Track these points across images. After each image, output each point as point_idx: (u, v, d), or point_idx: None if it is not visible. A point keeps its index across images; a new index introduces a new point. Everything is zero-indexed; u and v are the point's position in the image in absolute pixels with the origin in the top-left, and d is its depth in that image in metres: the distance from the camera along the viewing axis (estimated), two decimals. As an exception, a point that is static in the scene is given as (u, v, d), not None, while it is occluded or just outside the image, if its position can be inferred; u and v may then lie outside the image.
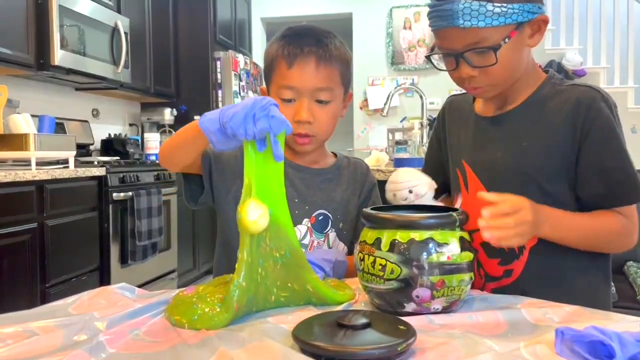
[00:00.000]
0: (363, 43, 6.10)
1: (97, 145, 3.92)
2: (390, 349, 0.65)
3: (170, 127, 4.48)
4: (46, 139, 2.62)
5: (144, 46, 4.06)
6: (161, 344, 0.72)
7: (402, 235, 0.81)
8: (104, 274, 2.94)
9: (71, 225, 2.67)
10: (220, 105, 4.58)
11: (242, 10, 5.48)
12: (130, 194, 3.06)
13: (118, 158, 3.53)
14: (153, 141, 3.95)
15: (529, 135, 1.05)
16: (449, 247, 0.81)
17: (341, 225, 1.19)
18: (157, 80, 4.25)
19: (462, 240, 0.83)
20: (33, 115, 2.81)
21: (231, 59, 4.60)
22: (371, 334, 0.68)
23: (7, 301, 2.24)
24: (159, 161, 1.10)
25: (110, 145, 3.89)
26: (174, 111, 4.50)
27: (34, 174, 2.38)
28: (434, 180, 1.07)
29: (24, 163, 2.64)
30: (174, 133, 3.79)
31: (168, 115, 4.45)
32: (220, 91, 4.59)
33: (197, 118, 0.96)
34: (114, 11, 3.59)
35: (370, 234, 0.86)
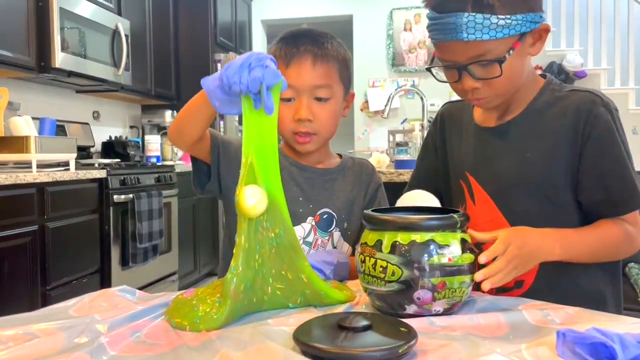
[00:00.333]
0: (363, 45, 6.10)
1: (97, 147, 3.92)
2: (391, 351, 0.65)
3: (171, 129, 4.48)
4: (47, 141, 2.62)
5: (144, 48, 4.07)
6: (162, 347, 0.72)
7: (403, 237, 0.81)
8: (104, 277, 2.94)
9: (72, 227, 2.67)
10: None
11: (243, 12, 5.49)
12: (130, 196, 3.06)
13: (119, 160, 3.53)
14: (154, 143, 3.95)
15: (532, 145, 1.04)
16: (450, 248, 0.81)
17: (346, 225, 1.19)
18: (158, 83, 4.25)
19: (463, 242, 0.83)
20: (34, 118, 2.81)
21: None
22: (372, 336, 0.68)
23: (8, 304, 2.24)
24: (169, 139, 1.11)
25: (111, 148, 3.89)
26: (175, 113, 4.50)
27: (34, 176, 2.38)
28: (427, 188, 1.07)
29: (25, 165, 2.64)
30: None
31: (169, 117, 4.46)
32: (220, 93, 4.58)
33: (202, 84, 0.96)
34: (115, 13, 3.60)
35: (371, 236, 0.85)
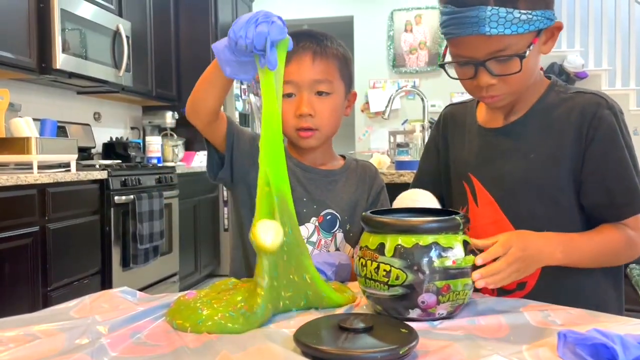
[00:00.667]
0: (364, 46, 6.11)
1: (98, 148, 3.92)
2: (392, 352, 0.64)
3: (172, 130, 4.48)
4: (48, 142, 2.62)
5: (145, 49, 4.07)
6: (163, 348, 0.72)
7: (406, 240, 0.80)
8: (105, 278, 2.94)
9: (73, 228, 2.67)
10: (222, 108, 4.58)
11: (243, 14, 5.49)
12: (131, 197, 3.06)
13: (120, 161, 3.54)
14: (154, 144, 3.96)
15: (537, 147, 1.04)
16: (454, 251, 0.81)
17: (348, 227, 1.20)
18: (159, 84, 4.25)
19: (465, 244, 0.83)
20: (35, 119, 2.81)
21: (232, 62, 4.60)
22: (373, 337, 0.68)
23: (9, 305, 2.24)
24: (186, 115, 1.11)
25: (112, 149, 3.89)
26: (176, 114, 4.50)
27: (35, 177, 2.38)
28: (429, 190, 1.06)
29: (26, 166, 2.64)
30: (175, 136, 3.79)
31: (169, 118, 4.46)
32: (221, 94, 4.59)
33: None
34: (116, 15, 3.60)
35: (372, 239, 0.84)
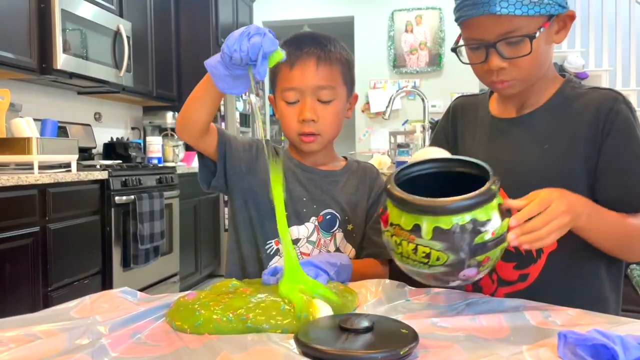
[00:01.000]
0: (365, 46, 6.11)
1: (99, 149, 3.92)
2: (392, 352, 0.64)
3: (172, 130, 4.48)
4: (48, 142, 2.62)
5: (146, 50, 4.07)
6: (163, 348, 0.72)
7: (445, 221, 0.78)
8: (106, 278, 2.94)
9: (73, 228, 2.67)
10: (222, 108, 4.59)
11: (244, 14, 5.50)
12: (132, 197, 3.06)
13: (120, 162, 3.54)
14: (155, 145, 3.96)
15: (551, 138, 1.04)
16: (492, 222, 0.79)
17: (349, 227, 1.20)
18: (159, 84, 4.25)
19: (500, 208, 0.80)
20: (35, 119, 2.81)
21: (233, 63, 4.61)
22: (373, 337, 0.68)
23: (9, 305, 2.24)
24: (176, 132, 1.12)
25: (113, 149, 3.89)
26: (176, 114, 4.50)
27: (36, 177, 2.38)
28: None
29: (27, 167, 2.64)
30: (175, 136, 3.79)
31: (170, 118, 4.46)
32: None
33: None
34: (116, 15, 3.60)
35: (405, 219, 0.81)
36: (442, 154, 1.00)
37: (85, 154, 3.59)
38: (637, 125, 1.00)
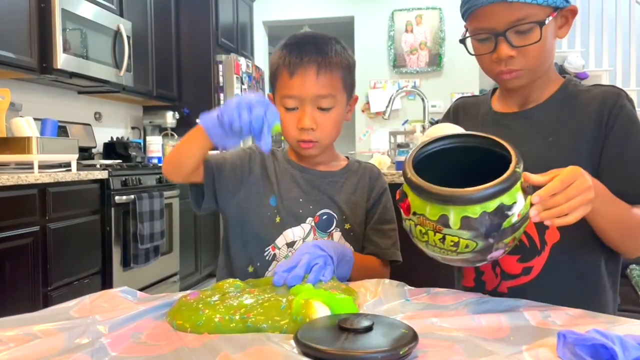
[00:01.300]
0: (365, 46, 6.11)
1: (99, 148, 3.92)
2: (392, 352, 0.64)
3: (173, 130, 4.49)
4: (49, 142, 2.63)
5: (146, 49, 4.07)
6: (163, 348, 0.72)
7: (472, 211, 0.77)
8: (106, 277, 2.94)
9: (73, 228, 2.68)
10: (222, 108, 4.58)
11: (244, 14, 5.50)
12: (132, 197, 3.06)
13: (120, 161, 3.54)
14: (155, 144, 3.96)
15: (555, 131, 1.05)
16: (517, 204, 0.78)
17: (348, 226, 1.20)
18: (159, 84, 4.26)
19: (522, 187, 0.79)
20: (36, 119, 2.82)
21: (233, 62, 4.61)
22: (373, 337, 0.68)
23: (9, 304, 2.24)
24: (163, 173, 1.15)
25: (113, 149, 3.89)
26: (176, 114, 4.51)
27: (36, 177, 2.38)
28: None
29: (27, 166, 2.64)
30: (176, 136, 3.80)
31: (170, 118, 4.46)
32: (222, 94, 4.60)
33: (198, 121, 0.98)
34: (117, 15, 3.60)
35: (431, 210, 0.80)
36: (455, 129, 0.99)
37: (85, 153, 3.59)
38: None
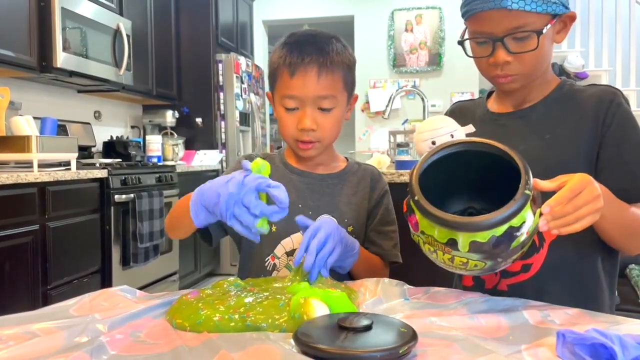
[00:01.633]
0: (365, 45, 6.11)
1: (99, 147, 3.92)
2: (391, 351, 0.64)
3: (172, 129, 4.49)
4: (48, 141, 2.63)
5: (146, 48, 4.07)
6: (162, 346, 0.72)
7: (481, 236, 0.77)
8: (105, 276, 2.94)
9: (73, 227, 2.68)
10: (222, 107, 4.58)
11: (244, 13, 5.49)
12: (131, 196, 3.06)
13: (120, 160, 3.54)
14: (155, 143, 3.96)
15: (552, 128, 1.06)
16: (526, 223, 0.78)
17: (350, 229, 1.18)
18: (159, 83, 4.25)
19: (531, 205, 0.78)
20: (35, 118, 2.82)
21: (233, 62, 4.61)
22: (372, 336, 0.68)
23: (8, 303, 2.24)
24: (166, 229, 1.18)
25: (112, 148, 3.89)
26: (176, 113, 4.51)
27: (35, 175, 2.38)
28: None
29: (26, 165, 2.64)
30: (175, 135, 3.77)
31: (170, 117, 4.46)
32: (222, 93, 4.60)
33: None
34: (116, 13, 3.60)
35: (439, 233, 0.80)
36: (448, 122, 0.99)
37: (84, 152, 3.59)
38: (635, 120, 1.03)
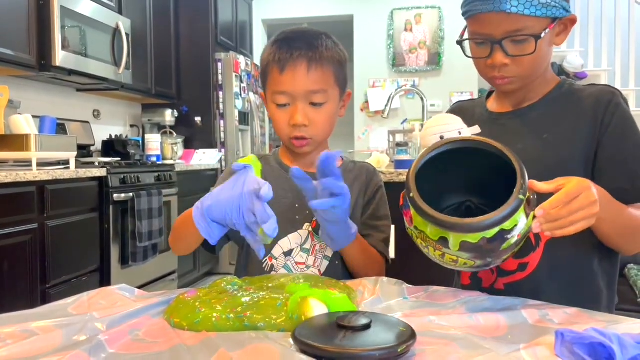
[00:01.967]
0: (364, 45, 6.11)
1: (98, 146, 3.92)
2: (390, 350, 0.64)
3: (171, 128, 4.48)
4: (47, 139, 2.62)
5: (145, 47, 4.07)
6: (161, 345, 0.72)
7: (472, 237, 0.78)
8: (104, 275, 2.94)
9: (72, 226, 2.67)
10: (222, 106, 4.58)
11: (243, 12, 5.49)
12: (130, 195, 3.06)
13: (119, 159, 3.54)
14: (154, 142, 3.96)
15: (551, 128, 1.06)
16: (518, 226, 0.78)
17: None
18: (158, 82, 4.25)
19: (525, 207, 0.78)
20: (34, 116, 2.81)
21: (232, 61, 4.61)
22: (371, 335, 0.68)
23: (7, 301, 2.24)
24: (170, 244, 1.17)
25: (111, 146, 3.89)
26: (175, 112, 4.51)
27: (34, 174, 2.38)
28: None
29: (25, 164, 2.64)
30: (174, 134, 3.76)
31: (169, 116, 4.46)
32: (221, 92, 4.60)
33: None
34: (115, 12, 3.60)
35: (431, 230, 0.81)
36: (456, 120, 1.00)
37: (83, 151, 3.59)
38: (633, 120, 1.04)
